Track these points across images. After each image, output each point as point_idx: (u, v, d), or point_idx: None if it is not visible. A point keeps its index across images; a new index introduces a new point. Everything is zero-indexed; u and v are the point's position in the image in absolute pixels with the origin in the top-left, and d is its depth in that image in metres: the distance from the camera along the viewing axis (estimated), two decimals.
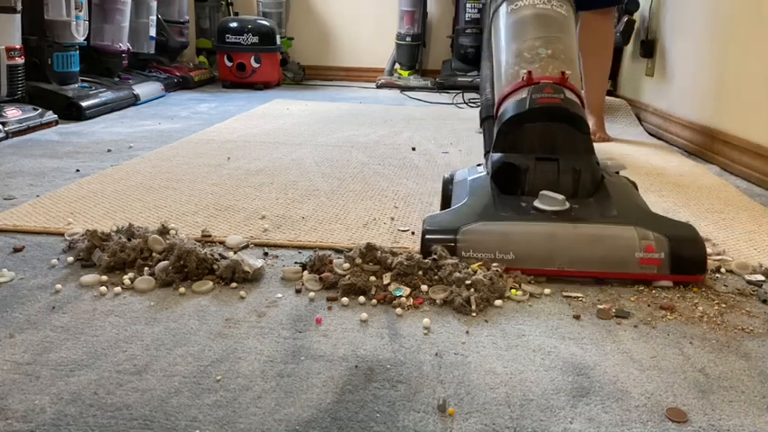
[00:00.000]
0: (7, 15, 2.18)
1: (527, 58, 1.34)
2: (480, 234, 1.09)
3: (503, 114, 1.30)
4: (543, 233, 1.09)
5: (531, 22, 1.41)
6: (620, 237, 1.08)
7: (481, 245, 1.08)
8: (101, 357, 0.81)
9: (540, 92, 1.25)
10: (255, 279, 1.05)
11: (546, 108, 1.24)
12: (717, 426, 0.71)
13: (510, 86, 1.32)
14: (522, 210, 1.16)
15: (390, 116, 2.83)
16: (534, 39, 1.37)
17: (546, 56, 1.33)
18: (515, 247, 1.08)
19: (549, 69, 1.30)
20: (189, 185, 1.59)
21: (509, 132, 1.27)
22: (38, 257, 1.13)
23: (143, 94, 2.96)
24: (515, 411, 0.73)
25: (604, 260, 1.07)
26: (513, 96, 1.30)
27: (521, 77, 1.30)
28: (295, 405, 0.73)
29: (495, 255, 1.08)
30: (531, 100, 1.24)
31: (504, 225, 1.11)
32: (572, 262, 1.08)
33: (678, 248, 1.06)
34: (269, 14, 4.08)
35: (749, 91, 1.92)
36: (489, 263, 1.06)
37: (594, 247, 1.08)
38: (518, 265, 1.07)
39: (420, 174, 1.79)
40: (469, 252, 1.08)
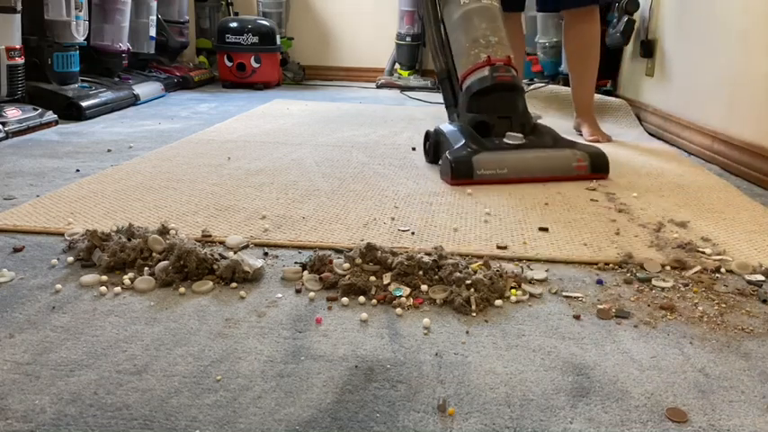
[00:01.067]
0: (7, 15, 2.18)
1: (482, 44, 1.86)
2: (486, 159, 1.69)
3: (470, 87, 1.85)
4: (521, 156, 1.74)
5: (479, 14, 1.90)
6: (564, 155, 1.76)
7: (487, 165, 1.69)
8: (101, 357, 0.81)
9: (497, 71, 1.82)
10: (255, 279, 1.06)
11: (502, 83, 1.82)
12: (717, 426, 0.71)
13: (473, 65, 1.86)
14: (498, 145, 1.76)
15: (390, 116, 2.83)
16: (485, 29, 1.88)
17: (495, 42, 1.87)
18: (507, 165, 1.70)
19: (500, 53, 1.86)
20: (189, 185, 1.59)
21: (476, 99, 1.84)
22: (38, 257, 1.13)
23: (143, 94, 2.96)
24: (515, 411, 0.73)
25: (557, 169, 1.74)
26: (475, 74, 1.85)
27: (481, 59, 1.85)
28: (295, 405, 0.73)
29: (497, 171, 1.69)
30: (492, 77, 1.81)
31: (497, 153, 1.73)
32: (540, 171, 1.73)
33: (594, 159, 1.77)
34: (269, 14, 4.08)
35: (749, 91, 1.92)
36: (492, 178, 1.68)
37: (551, 162, 1.75)
38: (508, 177, 1.69)
39: (420, 174, 1.79)
40: (481, 170, 1.68)
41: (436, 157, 1.87)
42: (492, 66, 1.82)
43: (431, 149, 1.90)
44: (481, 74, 1.82)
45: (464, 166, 1.66)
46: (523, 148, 1.75)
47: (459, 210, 1.46)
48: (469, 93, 1.84)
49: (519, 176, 1.69)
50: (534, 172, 1.71)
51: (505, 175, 1.68)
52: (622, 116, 2.79)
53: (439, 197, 1.56)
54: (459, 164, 1.66)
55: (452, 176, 1.66)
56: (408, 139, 2.28)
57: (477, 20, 1.88)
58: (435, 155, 1.88)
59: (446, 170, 1.69)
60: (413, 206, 1.47)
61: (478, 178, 1.66)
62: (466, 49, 1.88)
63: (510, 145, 1.75)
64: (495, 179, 1.68)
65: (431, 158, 1.91)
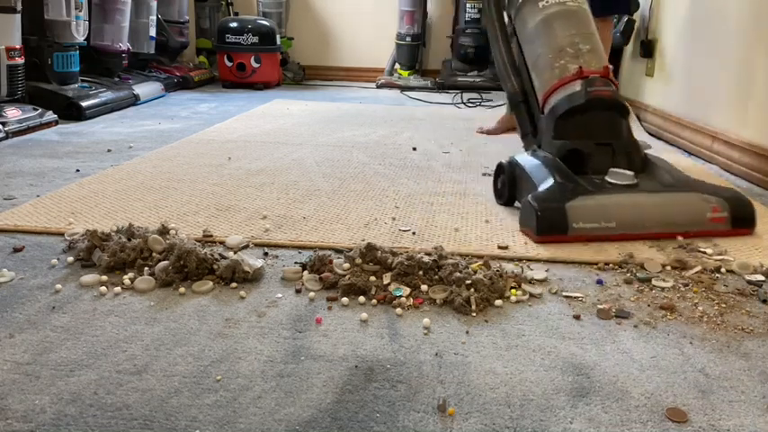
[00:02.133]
0: (7, 15, 2.18)
1: (571, 54, 1.49)
2: (586, 208, 1.27)
3: (557, 107, 1.46)
4: (635, 202, 1.30)
5: (564, 19, 1.53)
6: (693, 202, 1.32)
7: (588, 215, 1.26)
8: (101, 357, 0.81)
9: (592, 85, 1.43)
10: (255, 279, 1.05)
11: (599, 99, 1.43)
12: (717, 426, 0.71)
13: (559, 80, 1.47)
14: (599, 185, 1.34)
15: (391, 116, 2.83)
16: (573, 35, 1.51)
17: (586, 51, 1.49)
18: (616, 216, 1.27)
19: (593, 64, 1.48)
20: (190, 185, 1.59)
21: (566, 122, 1.44)
22: (38, 257, 1.13)
23: (143, 94, 2.96)
24: (515, 411, 0.73)
25: (685, 221, 1.30)
26: (563, 90, 1.46)
27: (570, 71, 1.46)
28: (295, 405, 0.73)
29: (601, 224, 1.26)
30: (585, 93, 1.42)
31: (600, 198, 1.30)
32: (661, 225, 1.29)
33: (736, 207, 1.32)
34: (269, 14, 4.08)
35: (749, 91, 1.92)
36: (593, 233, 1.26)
37: (677, 212, 1.31)
38: (618, 232, 1.27)
39: (421, 174, 1.79)
40: (579, 223, 1.25)
41: (512, 198, 1.46)
42: (585, 78, 1.44)
43: (505, 188, 1.47)
44: (571, 89, 1.45)
45: (555, 216, 1.25)
46: (635, 191, 1.33)
47: (460, 210, 1.46)
48: (556, 114, 1.46)
49: (632, 232, 1.28)
50: (653, 225, 1.29)
51: (613, 230, 1.27)
52: None
53: (440, 197, 1.56)
54: (549, 214, 1.25)
55: (539, 231, 1.25)
56: (409, 139, 2.28)
57: (563, 25, 1.52)
58: (511, 195, 1.46)
59: (529, 221, 1.28)
60: (414, 206, 1.47)
61: (575, 234, 1.25)
62: (549, 62, 1.51)
63: (616, 186, 1.34)
64: (599, 235, 1.26)
65: (504, 199, 1.48)
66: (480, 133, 2.45)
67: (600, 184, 1.34)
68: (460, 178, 1.75)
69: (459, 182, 1.71)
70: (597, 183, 1.35)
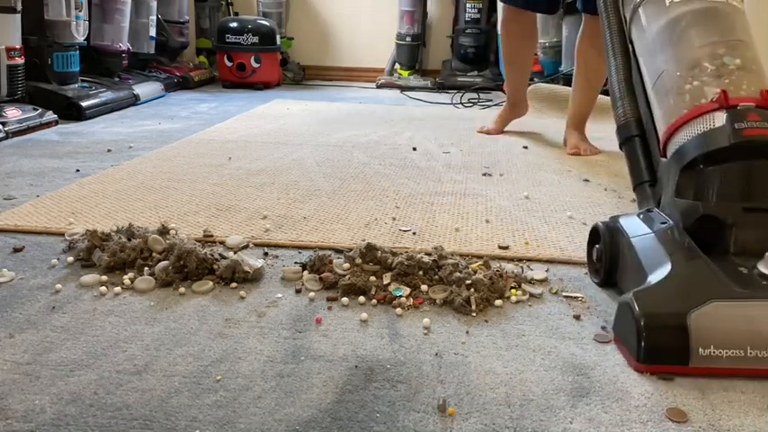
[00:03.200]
0: (7, 15, 2.18)
1: (710, 71, 1.02)
2: (722, 322, 0.80)
3: (685, 149, 0.98)
4: None
5: (703, 20, 1.08)
6: None
7: (726, 338, 0.80)
8: (101, 357, 0.81)
9: (744, 120, 0.94)
10: (255, 279, 1.05)
11: (754, 142, 0.93)
12: (717, 426, 0.71)
13: (691, 109, 1.00)
14: (748, 279, 0.86)
15: (391, 116, 2.83)
16: (714, 43, 1.05)
17: (735, 67, 1.02)
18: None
19: (744, 86, 0.99)
20: (190, 185, 1.59)
21: (700, 173, 0.96)
22: (38, 257, 1.13)
23: (143, 94, 2.96)
24: (515, 411, 0.73)
25: None
26: (696, 123, 0.98)
27: (707, 98, 0.99)
28: (295, 405, 0.73)
29: (748, 352, 0.80)
30: (733, 132, 0.93)
31: (750, 306, 0.82)
32: None
33: None
34: (269, 14, 4.07)
35: None
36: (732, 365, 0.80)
37: None
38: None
39: (421, 174, 1.79)
40: (709, 348, 0.80)
41: (610, 275, 1.05)
42: (732, 109, 0.95)
43: (603, 263, 1.05)
44: (708, 124, 0.96)
45: (670, 336, 0.81)
46: None
47: (460, 210, 1.46)
48: (683, 160, 0.98)
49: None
50: None
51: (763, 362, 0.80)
52: None
53: (440, 197, 1.56)
54: (660, 332, 0.82)
55: (643, 358, 0.81)
56: (409, 139, 2.28)
57: (700, 30, 1.08)
58: (610, 272, 1.04)
59: (628, 337, 0.84)
60: (414, 206, 1.47)
61: (701, 364, 0.80)
62: (676, 82, 1.05)
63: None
64: (745, 368, 0.80)
65: (601, 278, 1.07)
66: (481, 133, 2.45)
67: (749, 278, 0.86)
68: (461, 178, 1.75)
69: (459, 182, 1.71)
70: (745, 275, 0.87)
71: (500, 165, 1.92)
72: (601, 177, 1.79)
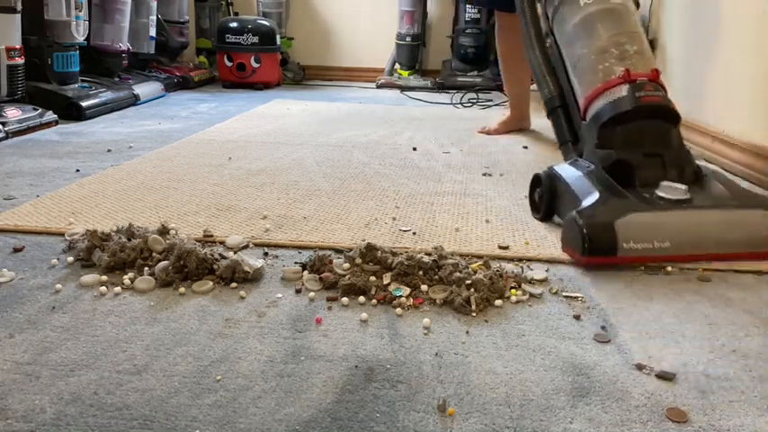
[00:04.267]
0: (7, 15, 2.18)
1: (616, 55, 1.38)
2: (638, 226, 1.14)
3: (600, 113, 1.35)
4: (691, 220, 1.18)
5: (608, 17, 1.44)
6: (752, 219, 1.20)
7: (640, 234, 1.14)
8: (101, 357, 0.81)
9: (642, 90, 1.31)
10: (255, 279, 1.06)
11: (648, 105, 1.31)
12: (717, 426, 0.71)
13: (603, 84, 1.36)
14: (649, 200, 1.22)
15: (391, 116, 2.83)
16: (618, 34, 1.41)
17: (633, 52, 1.39)
18: (669, 235, 1.15)
19: (640, 66, 1.36)
20: (190, 185, 1.59)
21: (610, 130, 1.33)
22: (38, 257, 1.13)
23: (143, 94, 2.96)
24: (515, 411, 0.73)
25: (746, 241, 1.18)
26: (607, 94, 1.35)
27: (615, 74, 1.35)
28: (295, 405, 0.73)
29: (653, 244, 1.14)
30: (633, 98, 1.31)
31: (653, 215, 1.17)
32: (719, 245, 1.17)
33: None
34: (269, 14, 4.07)
35: (749, 90, 1.92)
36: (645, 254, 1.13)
37: (736, 231, 1.18)
38: (672, 254, 1.15)
39: (421, 174, 1.79)
40: (629, 243, 1.13)
41: (550, 211, 1.37)
42: (632, 83, 1.32)
43: (543, 201, 1.38)
44: (617, 94, 1.33)
45: (604, 235, 1.13)
46: (690, 207, 1.20)
47: (460, 210, 1.46)
48: (599, 121, 1.34)
49: (688, 253, 1.16)
50: (710, 246, 1.17)
51: (666, 251, 1.15)
52: None
53: (440, 197, 1.56)
54: (596, 232, 1.13)
55: (585, 251, 1.12)
56: (409, 139, 2.28)
57: (605, 25, 1.43)
58: (549, 209, 1.37)
59: (574, 240, 1.16)
60: (414, 206, 1.47)
61: (626, 255, 1.13)
62: (591, 64, 1.41)
63: (668, 201, 1.21)
64: (651, 256, 1.14)
65: (542, 214, 1.38)
66: (481, 133, 2.45)
67: (650, 199, 1.22)
68: (461, 178, 1.75)
69: (459, 182, 1.71)
70: (647, 197, 1.22)
71: (500, 165, 1.92)
72: None
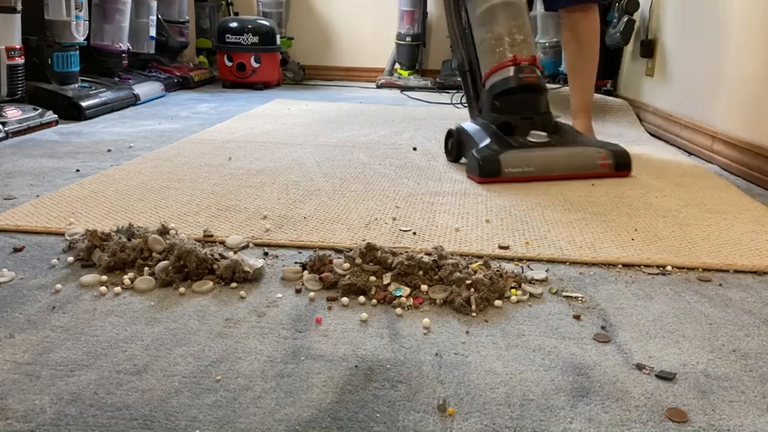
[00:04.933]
0: (7, 15, 2.18)
1: (508, 42, 1.87)
2: (513, 157, 1.72)
3: (494, 86, 1.87)
4: (547, 154, 1.77)
5: (505, 10, 1.89)
6: (588, 152, 1.81)
7: (515, 163, 1.71)
8: (101, 357, 0.81)
9: (523, 72, 1.84)
10: (255, 279, 1.05)
11: (527, 84, 1.85)
12: (717, 426, 0.71)
13: (497, 64, 1.87)
14: (523, 143, 1.79)
15: (391, 116, 2.83)
16: (511, 26, 1.88)
17: (521, 41, 1.87)
18: (534, 163, 1.73)
19: (525, 53, 1.86)
20: (190, 185, 1.59)
21: (500, 99, 1.87)
22: (38, 257, 1.13)
23: (143, 94, 2.96)
24: (515, 411, 0.73)
25: (582, 166, 1.78)
26: (499, 73, 1.86)
27: (507, 58, 1.86)
28: (295, 405, 0.73)
29: (524, 168, 1.71)
30: (518, 78, 1.83)
31: (523, 151, 1.75)
32: (565, 169, 1.76)
33: (618, 157, 1.81)
34: (269, 14, 4.08)
35: (749, 90, 1.91)
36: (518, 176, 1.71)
37: (576, 160, 1.78)
38: (535, 175, 1.72)
39: (421, 174, 1.79)
40: (509, 168, 1.70)
41: (458, 155, 1.92)
42: (517, 66, 1.83)
43: (453, 148, 1.93)
44: (506, 74, 1.84)
45: (492, 164, 1.69)
46: (548, 147, 1.78)
47: (460, 210, 1.46)
48: (493, 92, 1.87)
49: (545, 174, 1.73)
50: (560, 170, 1.74)
51: (532, 173, 1.71)
52: (623, 116, 2.79)
53: (440, 197, 1.56)
54: (487, 162, 1.69)
55: (480, 174, 1.69)
56: (409, 139, 2.28)
57: (503, 16, 1.88)
58: (458, 154, 1.92)
59: (474, 168, 1.72)
60: (414, 206, 1.47)
61: (506, 176, 1.69)
62: (491, 47, 1.88)
63: (535, 143, 1.78)
64: (522, 177, 1.70)
65: (453, 157, 1.94)
66: None
67: (523, 143, 1.78)
68: (461, 178, 1.75)
69: (459, 182, 1.71)
70: (521, 141, 1.79)
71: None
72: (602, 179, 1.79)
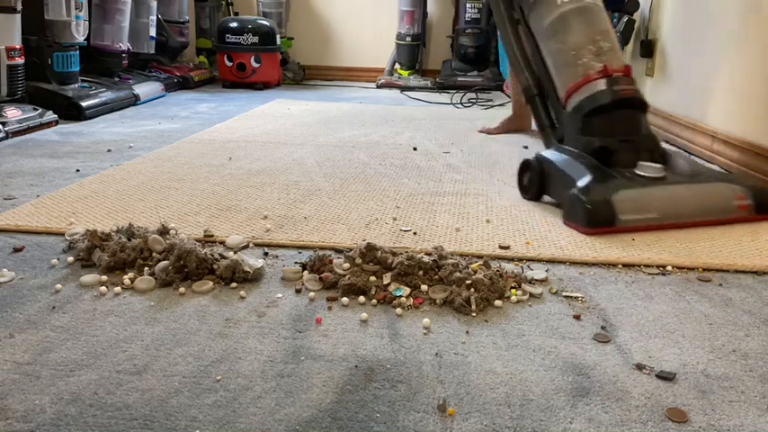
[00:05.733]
0: (7, 15, 2.18)
1: (593, 51, 1.55)
2: (629, 200, 1.34)
3: (582, 105, 1.53)
4: (670, 195, 1.39)
5: (582, 16, 1.59)
6: (720, 191, 1.43)
7: (633, 207, 1.33)
8: (101, 357, 0.81)
9: (618, 84, 1.51)
10: (255, 279, 1.05)
11: (625, 99, 1.51)
12: (717, 426, 0.71)
13: (583, 78, 1.54)
14: (632, 178, 1.41)
15: (391, 116, 2.83)
16: (593, 33, 1.57)
17: (608, 49, 1.56)
18: (656, 207, 1.36)
19: (615, 62, 1.55)
20: (191, 185, 1.59)
21: (591, 120, 1.52)
22: (38, 257, 1.13)
23: (143, 94, 2.96)
24: (515, 411, 0.73)
25: (715, 209, 1.39)
26: (586, 88, 1.53)
27: (594, 69, 1.53)
28: (295, 405, 0.73)
29: (644, 215, 1.34)
30: (612, 92, 1.50)
31: (641, 191, 1.37)
32: (695, 214, 1.38)
33: (759, 195, 1.42)
34: (269, 14, 4.08)
35: (749, 90, 1.91)
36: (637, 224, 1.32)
37: (707, 200, 1.40)
38: (658, 223, 1.34)
39: (422, 174, 1.79)
40: (624, 215, 1.31)
41: (540, 192, 1.53)
42: (609, 77, 1.52)
43: (533, 183, 1.54)
44: (595, 88, 1.51)
45: (603, 209, 1.31)
46: (667, 183, 1.41)
47: (461, 210, 1.46)
48: (581, 111, 1.53)
49: (671, 221, 1.35)
50: (688, 214, 1.37)
51: (655, 220, 1.34)
52: None
53: (441, 197, 1.56)
54: (598, 206, 1.31)
55: (589, 223, 1.30)
56: (409, 139, 2.28)
57: (579, 23, 1.59)
58: (540, 190, 1.53)
59: (577, 214, 1.33)
60: (414, 206, 1.47)
61: (622, 225, 1.31)
62: (570, 59, 1.58)
63: (648, 179, 1.41)
64: (643, 225, 1.33)
65: (532, 194, 1.54)
66: (482, 132, 2.46)
67: (632, 178, 1.41)
68: (461, 178, 1.75)
69: (459, 182, 1.71)
70: (629, 176, 1.41)
71: (501, 164, 1.92)
72: None
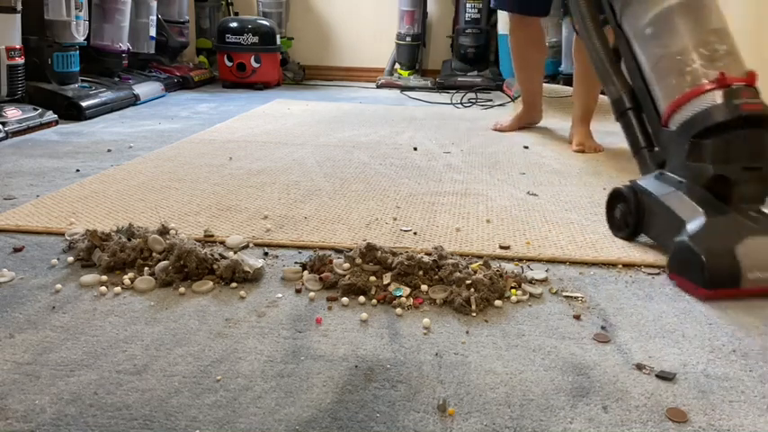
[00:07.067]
0: (7, 15, 2.18)
1: (705, 56, 1.21)
2: (759, 253, 1.03)
3: (692, 122, 1.18)
4: None
5: (691, 11, 1.26)
6: None
7: (763, 263, 1.02)
8: (101, 357, 0.81)
9: (739, 97, 1.15)
10: (255, 279, 1.05)
11: (751, 116, 1.13)
12: (717, 426, 0.71)
13: (692, 89, 1.19)
14: (761, 219, 1.08)
15: (391, 116, 2.83)
16: (705, 33, 1.24)
17: (724, 52, 1.22)
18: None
19: (734, 69, 1.20)
20: (191, 185, 1.59)
21: (707, 141, 1.15)
22: (38, 257, 1.13)
23: (143, 94, 2.96)
24: (515, 411, 0.73)
25: None
26: (697, 101, 1.18)
27: (708, 78, 1.18)
28: (295, 405, 0.73)
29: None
30: (732, 107, 1.14)
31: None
32: None
33: None
34: (269, 14, 4.08)
35: None
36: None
37: None
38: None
39: (422, 174, 1.79)
40: (754, 272, 1.01)
41: (637, 230, 1.25)
42: (727, 88, 1.16)
43: (628, 219, 1.26)
44: (708, 101, 1.17)
45: (724, 264, 1.02)
46: None
47: (461, 210, 1.46)
48: (689, 131, 1.18)
49: None
50: None
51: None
52: None
53: (441, 197, 1.56)
54: (717, 261, 1.02)
55: (708, 284, 1.02)
56: (409, 139, 2.28)
57: (690, 21, 1.25)
58: (637, 228, 1.25)
59: (691, 271, 1.05)
60: (415, 206, 1.47)
61: (750, 287, 1.02)
62: (676, 65, 1.24)
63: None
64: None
65: (628, 232, 1.26)
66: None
67: (761, 219, 1.08)
68: (462, 178, 1.75)
69: (460, 182, 1.71)
70: (756, 217, 1.09)
71: (501, 164, 1.92)
72: (601, 177, 1.79)
